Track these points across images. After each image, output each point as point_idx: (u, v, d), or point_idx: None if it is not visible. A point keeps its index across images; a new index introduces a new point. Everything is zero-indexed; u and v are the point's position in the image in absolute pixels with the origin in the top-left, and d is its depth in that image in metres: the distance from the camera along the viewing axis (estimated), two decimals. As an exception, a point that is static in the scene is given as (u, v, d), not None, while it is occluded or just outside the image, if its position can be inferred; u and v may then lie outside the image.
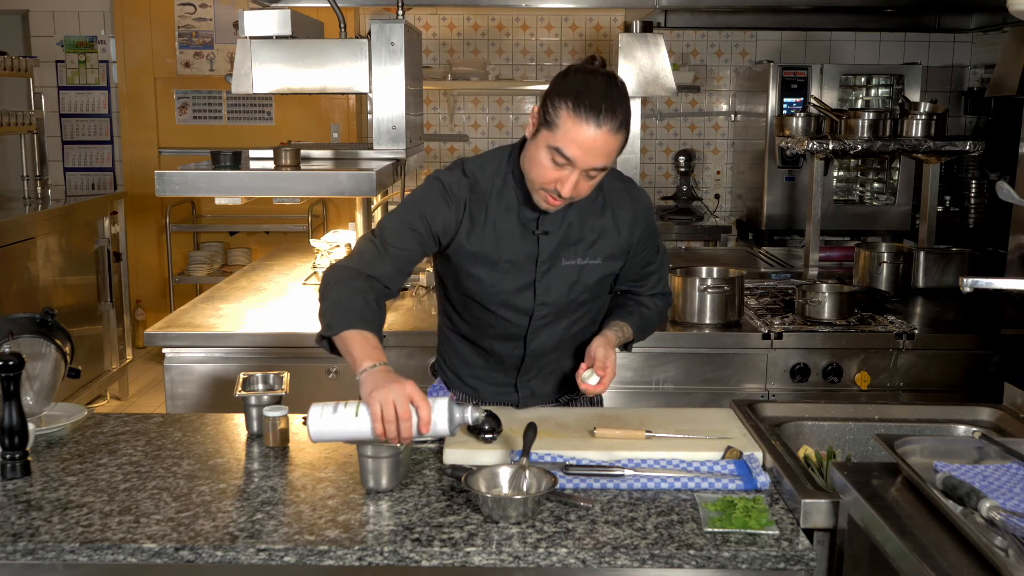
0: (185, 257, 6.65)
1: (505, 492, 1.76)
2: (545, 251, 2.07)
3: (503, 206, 2.05)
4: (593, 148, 1.87)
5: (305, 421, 1.80)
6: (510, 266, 2.07)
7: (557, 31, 6.53)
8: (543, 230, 2.05)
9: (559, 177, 1.91)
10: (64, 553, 1.62)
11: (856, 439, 2.15)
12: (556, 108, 1.88)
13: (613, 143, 1.89)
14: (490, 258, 2.06)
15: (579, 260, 2.09)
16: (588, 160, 1.88)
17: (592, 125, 1.85)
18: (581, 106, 1.86)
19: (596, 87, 1.89)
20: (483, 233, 2.05)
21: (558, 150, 1.88)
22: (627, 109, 1.91)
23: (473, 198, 2.05)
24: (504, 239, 2.05)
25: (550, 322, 2.14)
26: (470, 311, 2.16)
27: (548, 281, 2.09)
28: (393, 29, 3.09)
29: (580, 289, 2.12)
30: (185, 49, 6.56)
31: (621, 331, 2.17)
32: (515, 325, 2.13)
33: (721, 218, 6.51)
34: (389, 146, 3.18)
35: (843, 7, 4.63)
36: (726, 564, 1.60)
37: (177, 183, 2.85)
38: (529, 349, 2.16)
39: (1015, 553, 1.34)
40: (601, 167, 1.91)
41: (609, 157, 1.90)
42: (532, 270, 2.08)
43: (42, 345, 2.20)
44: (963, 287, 1.90)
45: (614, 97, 1.89)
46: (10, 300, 4.44)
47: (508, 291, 2.09)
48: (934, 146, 3.62)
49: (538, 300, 2.10)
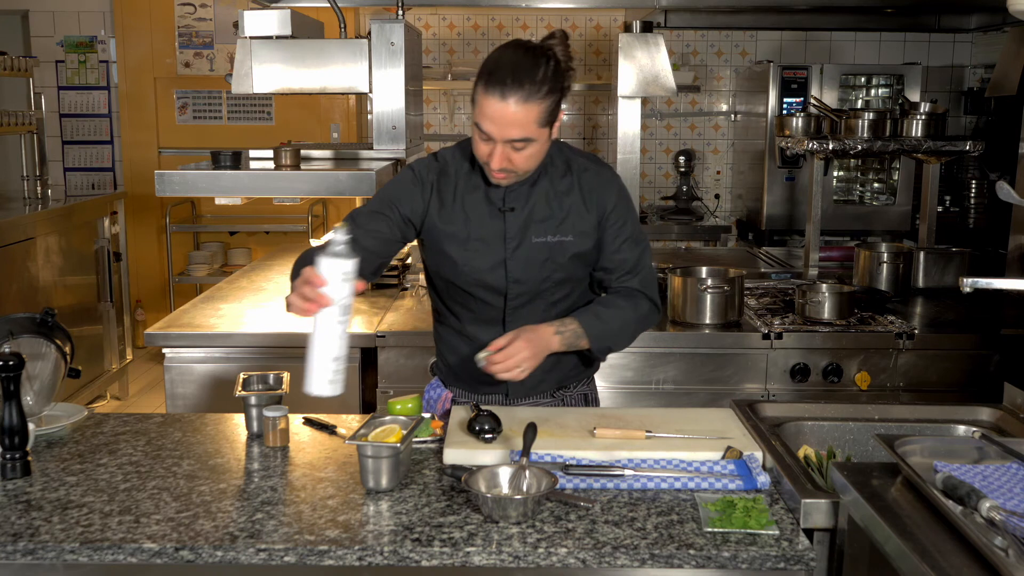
0: (185, 257, 6.65)
1: (505, 492, 1.76)
2: (512, 227, 2.12)
3: (471, 186, 2.14)
4: (503, 120, 1.93)
5: (305, 422, 1.79)
6: (481, 244, 2.13)
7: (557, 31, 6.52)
8: (509, 207, 2.11)
9: (488, 151, 1.99)
10: (64, 553, 1.62)
11: (856, 439, 2.15)
12: (476, 86, 1.98)
13: (524, 113, 1.93)
14: (460, 236, 2.13)
15: (549, 237, 2.12)
16: (502, 132, 1.94)
17: (497, 98, 1.92)
18: (489, 81, 1.94)
19: (507, 60, 1.96)
20: (452, 212, 2.13)
21: (477, 125, 1.98)
22: (544, 78, 1.94)
23: (442, 180, 2.15)
24: (472, 217, 2.13)
25: (526, 303, 2.17)
26: (451, 295, 2.22)
27: (518, 258, 2.13)
28: (393, 29, 3.09)
29: (552, 267, 2.14)
30: (185, 49, 6.57)
31: (563, 325, 2.10)
32: (492, 307, 2.17)
33: (721, 218, 6.51)
34: (389, 146, 3.18)
35: (843, 7, 4.63)
36: (726, 564, 1.60)
37: (177, 183, 2.85)
38: (508, 332, 2.17)
39: (1015, 553, 1.34)
40: (520, 138, 1.96)
41: (525, 127, 1.95)
42: (502, 248, 2.12)
43: (42, 345, 2.20)
44: (963, 287, 1.90)
45: (524, 68, 1.93)
46: (10, 300, 4.44)
47: (481, 269, 2.14)
48: (934, 146, 3.62)
49: (510, 278, 2.14)
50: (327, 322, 1.77)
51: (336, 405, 3.07)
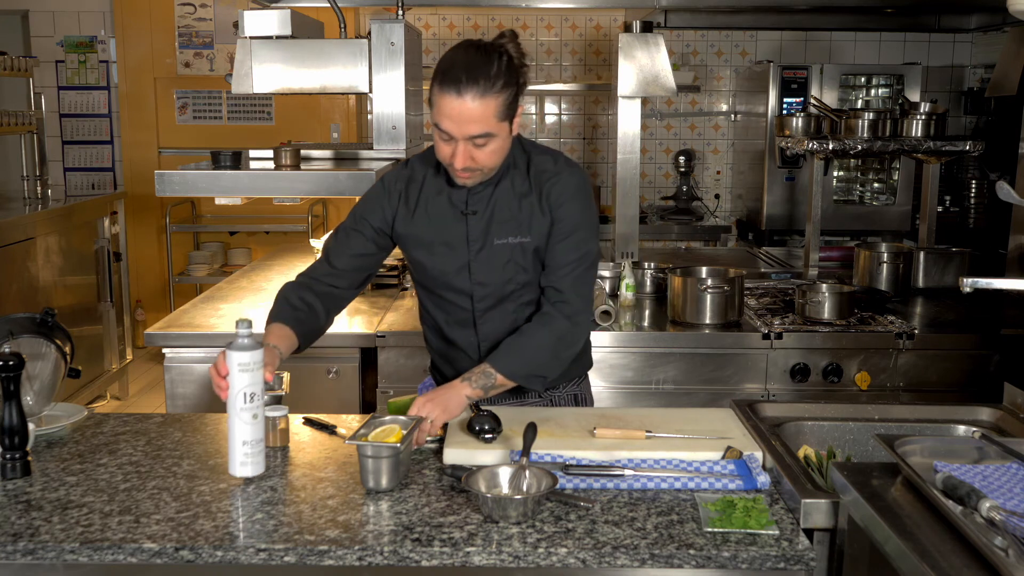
0: (185, 257, 6.65)
1: (505, 492, 1.76)
2: (475, 230, 2.14)
3: (434, 190, 2.17)
4: (461, 117, 1.95)
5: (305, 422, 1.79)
6: (446, 248, 2.16)
7: (557, 31, 6.53)
8: (471, 210, 2.14)
9: (450, 151, 2.01)
10: (64, 553, 1.62)
11: (856, 439, 2.15)
12: (432, 88, 2.01)
13: (481, 109, 1.95)
14: (425, 240, 2.17)
15: (511, 239, 2.14)
16: (462, 129, 1.96)
17: (453, 95, 1.95)
18: (444, 80, 1.96)
19: (459, 59, 1.98)
20: (417, 217, 2.18)
21: (436, 126, 2.00)
22: (498, 73, 1.96)
23: (410, 186, 2.20)
24: (436, 221, 2.16)
25: (493, 305, 2.18)
26: (428, 298, 2.27)
27: (481, 260, 2.15)
28: (393, 29, 3.09)
29: (515, 268, 2.15)
30: (185, 49, 6.56)
31: (471, 372, 2.06)
32: (462, 309, 2.21)
33: (721, 218, 6.51)
34: (389, 146, 3.18)
35: (843, 7, 4.63)
36: (726, 564, 1.60)
37: (177, 183, 2.85)
38: (481, 335, 2.21)
39: (1015, 553, 1.34)
40: (480, 134, 1.97)
41: (483, 123, 1.96)
42: (465, 251, 2.15)
43: (42, 345, 2.20)
44: (963, 287, 1.90)
45: (476, 64, 1.96)
46: (10, 300, 4.44)
47: (447, 272, 2.18)
48: (934, 146, 3.62)
49: (474, 280, 2.16)
50: (232, 409, 1.84)
51: (336, 405, 3.09)
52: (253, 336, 1.86)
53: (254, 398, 1.84)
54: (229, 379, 1.84)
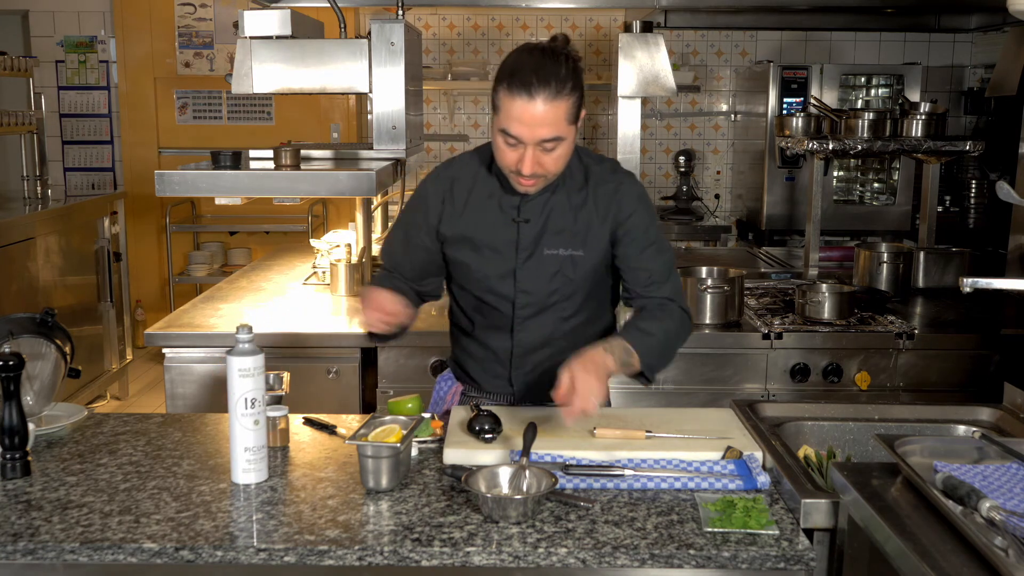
0: (185, 257, 6.65)
1: (505, 492, 1.76)
2: (526, 238, 2.10)
3: (484, 193, 2.12)
4: (532, 120, 1.90)
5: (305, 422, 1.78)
6: (492, 252, 2.12)
7: (557, 31, 6.51)
8: (524, 218, 2.09)
9: (517, 157, 1.96)
10: (64, 553, 1.62)
11: (856, 439, 2.15)
12: (496, 92, 1.95)
13: (553, 111, 1.90)
14: (472, 242, 2.13)
15: (562, 250, 2.10)
16: (533, 134, 1.91)
17: (524, 98, 1.89)
18: (513, 83, 1.90)
19: (527, 61, 1.93)
20: (464, 218, 2.13)
21: (503, 131, 1.94)
22: (567, 75, 1.92)
23: (455, 188, 2.15)
24: (484, 225, 2.12)
25: (535, 314, 2.15)
26: (465, 299, 2.22)
27: (528, 269, 2.11)
28: (393, 29, 3.09)
29: (562, 280, 2.11)
30: (185, 49, 6.57)
31: (608, 344, 1.95)
32: (501, 314, 2.17)
33: (721, 218, 6.51)
34: (389, 146, 3.18)
35: (843, 7, 4.63)
36: (726, 564, 1.60)
37: (177, 183, 2.85)
38: (516, 341, 2.18)
39: (1015, 553, 1.34)
40: (551, 138, 1.93)
41: (554, 126, 1.91)
42: (513, 257, 2.11)
43: (42, 345, 2.20)
44: (963, 287, 1.90)
45: (546, 66, 1.91)
46: (10, 300, 4.44)
47: (491, 276, 2.13)
48: (934, 146, 3.62)
49: (519, 288, 2.12)
50: (233, 414, 1.84)
51: (336, 405, 3.09)
52: (254, 341, 1.86)
53: (255, 403, 1.84)
54: (228, 385, 1.83)
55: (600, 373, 1.86)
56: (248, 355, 1.83)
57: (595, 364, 1.86)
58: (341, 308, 3.48)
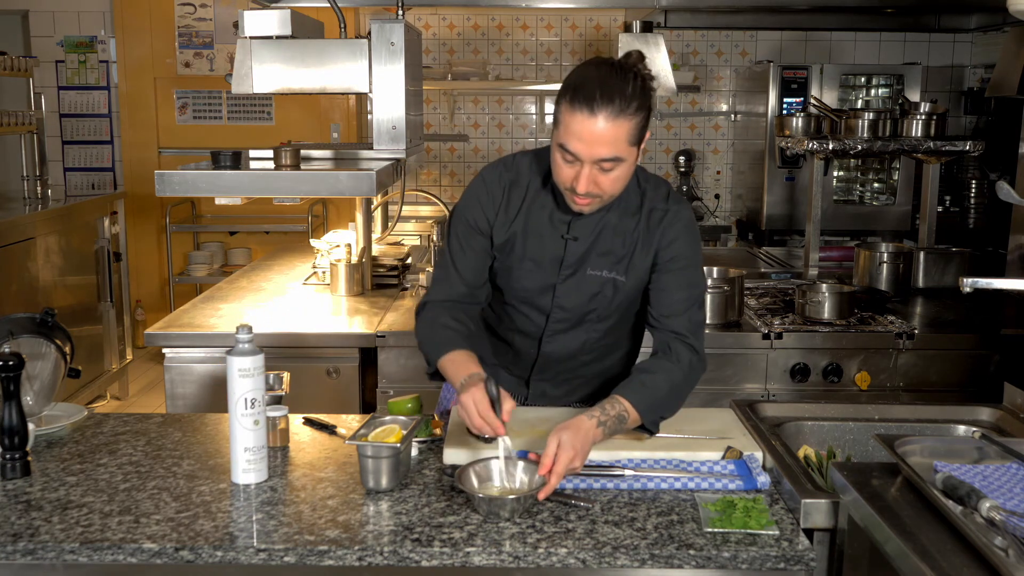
0: (185, 257, 6.65)
1: (496, 485, 1.77)
2: (572, 256, 2.05)
3: (538, 204, 2.06)
4: (592, 138, 1.82)
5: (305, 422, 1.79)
6: (535, 265, 2.07)
7: (557, 31, 6.53)
8: (573, 235, 2.04)
9: (573, 174, 1.88)
10: (64, 553, 1.62)
11: (856, 439, 2.15)
12: (559, 105, 1.87)
13: (614, 131, 1.81)
14: (517, 251, 2.07)
15: (604, 272, 2.05)
16: (591, 151, 1.83)
17: (586, 114, 1.81)
18: (576, 98, 1.82)
19: (594, 76, 1.84)
20: (514, 227, 2.06)
21: (562, 146, 1.86)
22: (633, 94, 1.83)
23: (513, 190, 2.07)
24: (533, 236, 2.06)
25: (566, 329, 2.12)
26: (498, 303, 2.19)
27: (569, 286, 2.07)
28: (393, 29, 3.09)
29: (601, 301, 2.08)
30: (185, 49, 6.56)
31: (604, 413, 1.89)
32: (533, 324, 2.14)
33: (721, 218, 6.51)
34: (389, 146, 3.18)
35: (843, 7, 4.64)
36: (726, 564, 1.60)
37: (177, 183, 2.84)
38: (543, 351, 2.17)
39: (1015, 553, 1.34)
40: (610, 157, 1.84)
41: (614, 146, 1.83)
42: (556, 272, 2.07)
43: (42, 345, 2.20)
44: (963, 287, 1.90)
45: (612, 82, 1.82)
46: (10, 300, 4.44)
47: (531, 289, 2.09)
48: (934, 146, 3.62)
49: (556, 303, 2.09)
50: (233, 415, 1.84)
51: (336, 405, 3.09)
52: (253, 341, 1.86)
53: (255, 404, 1.84)
54: (228, 385, 1.82)
55: (586, 447, 1.82)
56: (248, 355, 1.83)
57: (583, 439, 1.81)
58: (341, 308, 3.48)
